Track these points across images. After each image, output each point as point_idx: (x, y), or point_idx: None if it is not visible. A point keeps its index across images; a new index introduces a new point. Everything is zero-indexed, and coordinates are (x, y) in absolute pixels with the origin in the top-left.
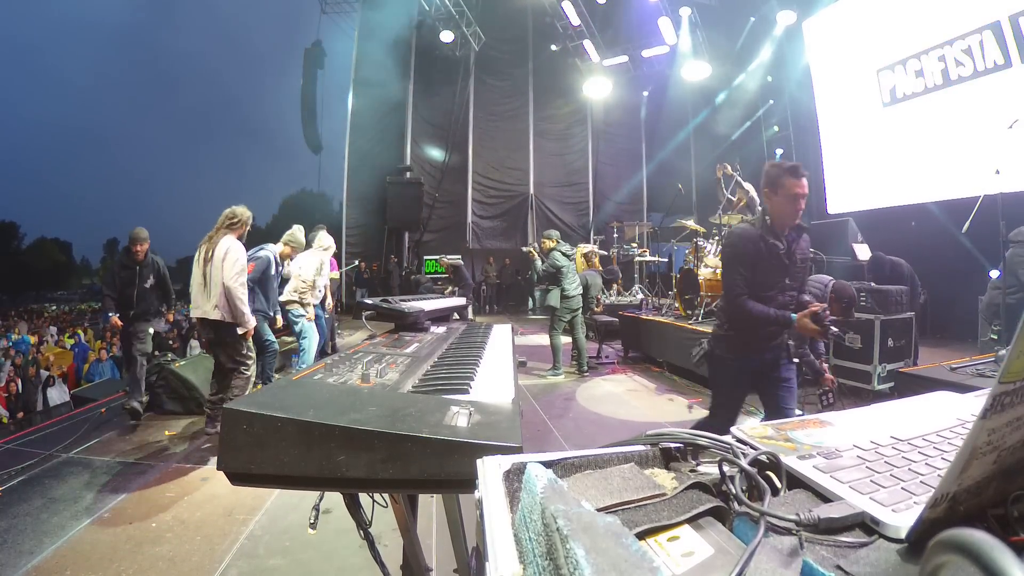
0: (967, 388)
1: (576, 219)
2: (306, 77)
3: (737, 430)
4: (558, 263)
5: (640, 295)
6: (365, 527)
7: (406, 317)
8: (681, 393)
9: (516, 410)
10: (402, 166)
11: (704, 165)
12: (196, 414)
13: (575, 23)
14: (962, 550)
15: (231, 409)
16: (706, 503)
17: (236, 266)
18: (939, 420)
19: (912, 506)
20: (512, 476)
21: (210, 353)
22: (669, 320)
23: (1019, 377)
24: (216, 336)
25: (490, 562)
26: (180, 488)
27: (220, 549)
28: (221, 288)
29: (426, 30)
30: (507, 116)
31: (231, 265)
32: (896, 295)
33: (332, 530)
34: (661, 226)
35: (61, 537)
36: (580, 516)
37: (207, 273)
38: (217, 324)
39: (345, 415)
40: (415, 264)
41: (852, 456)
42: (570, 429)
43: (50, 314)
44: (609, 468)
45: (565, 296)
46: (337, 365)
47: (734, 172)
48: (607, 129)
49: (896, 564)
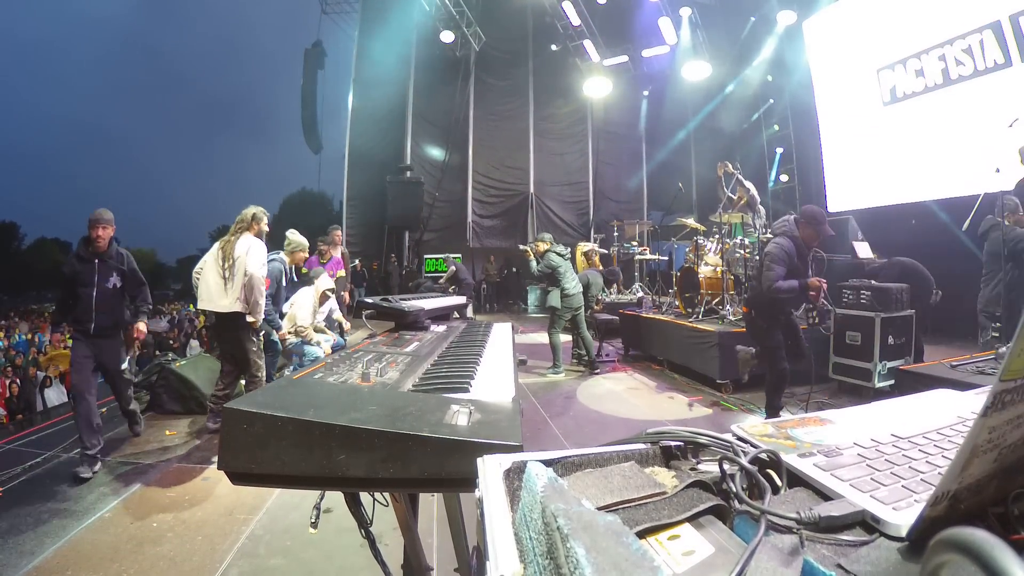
0: (968, 386)
1: (576, 218)
2: (306, 77)
3: (737, 428)
4: (554, 263)
5: (640, 293)
6: (366, 526)
7: (406, 316)
8: (681, 391)
9: (516, 409)
10: (402, 165)
11: (704, 164)
12: (197, 413)
13: (575, 23)
14: (963, 549)
15: (231, 409)
16: (706, 501)
17: (260, 258)
18: (940, 418)
19: (913, 504)
20: (512, 475)
21: (218, 349)
22: (669, 318)
23: (1020, 375)
24: (230, 328)
25: (491, 561)
26: (181, 488)
27: (221, 549)
28: (243, 279)
29: (426, 30)
30: (507, 116)
31: (256, 256)
32: (896, 293)
33: (333, 529)
34: (661, 225)
35: (62, 537)
36: (580, 515)
37: (225, 270)
38: (233, 316)
39: (345, 414)
40: (415, 263)
41: (852, 454)
42: (570, 427)
43: (50, 314)
44: (609, 467)
45: (565, 295)
46: (337, 364)
47: (735, 171)
48: (607, 128)
49: (897, 562)
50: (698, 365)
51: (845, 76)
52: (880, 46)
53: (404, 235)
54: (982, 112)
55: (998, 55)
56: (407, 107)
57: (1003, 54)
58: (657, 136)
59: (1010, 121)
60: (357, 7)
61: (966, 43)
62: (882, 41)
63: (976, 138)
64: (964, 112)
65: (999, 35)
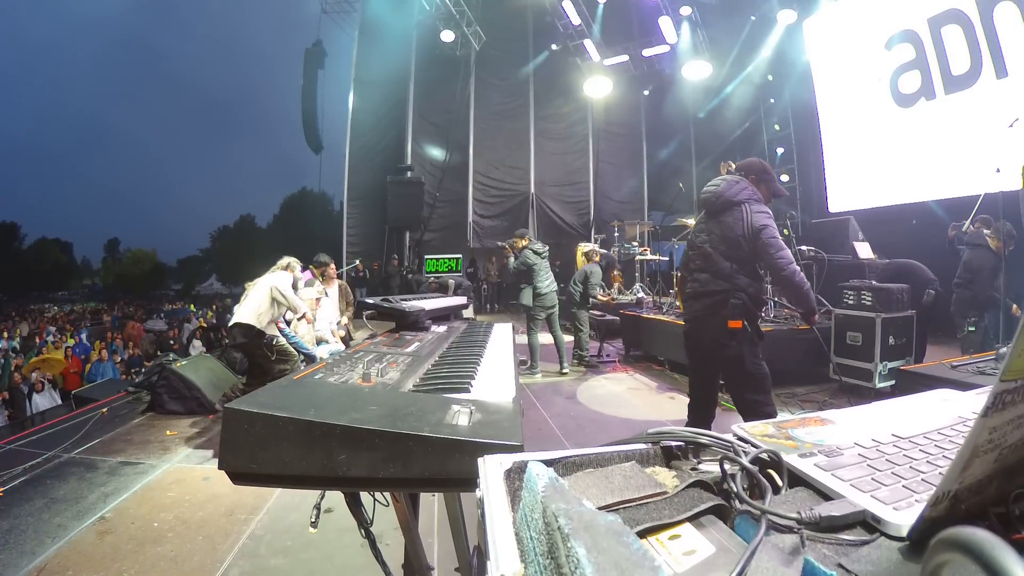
0: (968, 386)
1: (577, 218)
2: (306, 77)
3: (738, 428)
4: (528, 260)
5: (641, 294)
6: (366, 526)
7: (407, 316)
8: (682, 391)
9: (517, 409)
10: (403, 165)
11: (705, 164)
12: (197, 414)
13: (575, 22)
14: (964, 548)
15: (232, 409)
16: (707, 501)
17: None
18: (940, 418)
19: (913, 504)
20: (513, 475)
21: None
22: (670, 319)
23: (1020, 375)
24: (246, 340)
25: (491, 561)
26: (182, 488)
27: (222, 549)
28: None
29: (426, 30)
30: (508, 115)
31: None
32: (897, 293)
33: (333, 529)
34: (662, 225)
35: (63, 537)
36: (581, 515)
37: (247, 288)
38: (247, 328)
39: (346, 414)
40: (415, 264)
41: (853, 454)
42: (571, 428)
43: (50, 315)
44: (610, 466)
45: (538, 294)
46: (338, 364)
47: None
48: (608, 128)
49: (898, 562)
50: None
51: (846, 76)
52: (881, 45)
53: (404, 235)
54: (982, 112)
55: (998, 55)
56: (407, 107)
57: (1003, 54)
58: (657, 136)
59: (1010, 121)
60: (357, 7)
61: (966, 43)
62: (883, 40)
63: (977, 138)
64: (965, 112)
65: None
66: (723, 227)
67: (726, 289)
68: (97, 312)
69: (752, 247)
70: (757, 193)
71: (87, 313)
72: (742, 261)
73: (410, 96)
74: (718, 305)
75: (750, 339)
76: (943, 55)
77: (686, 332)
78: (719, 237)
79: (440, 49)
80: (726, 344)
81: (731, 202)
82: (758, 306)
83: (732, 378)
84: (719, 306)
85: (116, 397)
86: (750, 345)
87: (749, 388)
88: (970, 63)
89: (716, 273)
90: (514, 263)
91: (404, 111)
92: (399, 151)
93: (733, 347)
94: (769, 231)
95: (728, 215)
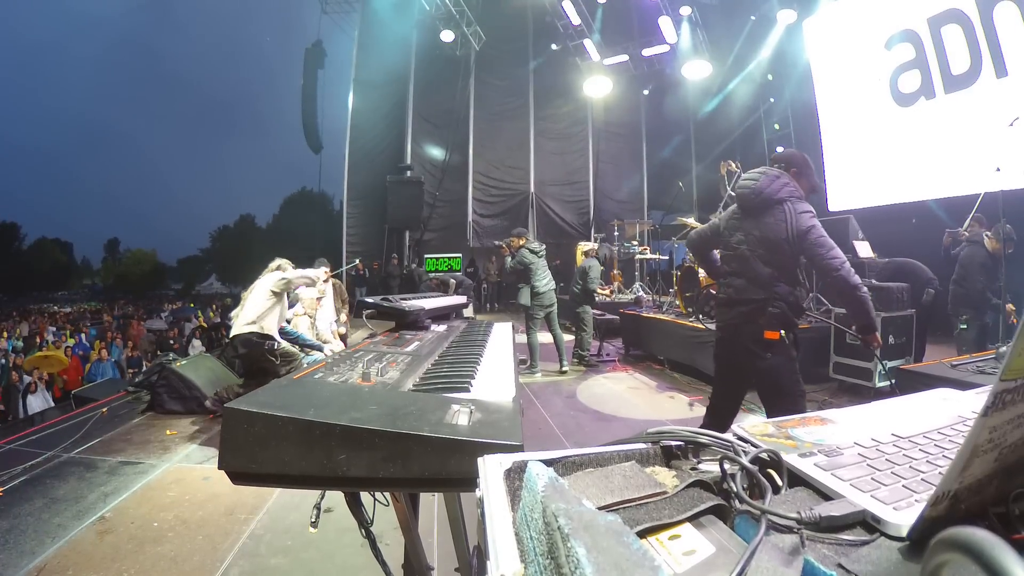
0: (968, 385)
1: (577, 217)
2: (306, 77)
3: (738, 428)
4: (525, 260)
5: (640, 293)
6: (366, 526)
7: (406, 316)
8: (682, 391)
9: (517, 408)
10: (403, 165)
11: (705, 163)
12: (197, 414)
13: (575, 22)
14: (963, 548)
15: (232, 408)
16: (707, 501)
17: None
18: (940, 417)
19: (913, 504)
20: (513, 474)
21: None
22: (670, 318)
23: (1020, 375)
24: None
25: (491, 560)
26: (181, 488)
27: (222, 548)
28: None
29: (426, 30)
30: (507, 115)
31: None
32: (897, 292)
33: (333, 529)
34: (662, 224)
35: (63, 537)
36: (581, 514)
37: (244, 297)
38: (246, 339)
39: (346, 414)
40: (415, 263)
41: (853, 454)
42: (571, 427)
43: (49, 314)
44: (610, 466)
45: (536, 293)
46: (338, 364)
47: (737, 169)
48: (607, 128)
49: (897, 562)
50: (699, 364)
51: (846, 75)
52: (881, 45)
53: (404, 235)
54: (983, 111)
55: (998, 55)
56: (407, 107)
57: (1003, 54)
58: (657, 136)
59: (1010, 120)
60: (357, 7)
61: (966, 42)
62: (883, 40)
63: (977, 137)
64: (965, 111)
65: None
66: (763, 228)
67: (764, 298)
68: (97, 312)
69: (796, 250)
70: (799, 190)
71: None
72: (782, 267)
73: (410, 96)
74: (755, 313)
75: (787, 352)
76: (943, 55)
77: (718, 340)
78: (757, 239)
79: (440, 49)
80: (760, 356)
81: (771, 200)
82: (798, 315)
83: (764, 391)
84: (756, 314)
85: (116, 397)
86: (787, 359)
87: (778, 407)
88: (970, 63)
89: (753, 280)
90: (511, 262)
91: (404, 111)
92: (399, 151)
93: (768, 359)
94: (816, 231)
95: (768, 215)
